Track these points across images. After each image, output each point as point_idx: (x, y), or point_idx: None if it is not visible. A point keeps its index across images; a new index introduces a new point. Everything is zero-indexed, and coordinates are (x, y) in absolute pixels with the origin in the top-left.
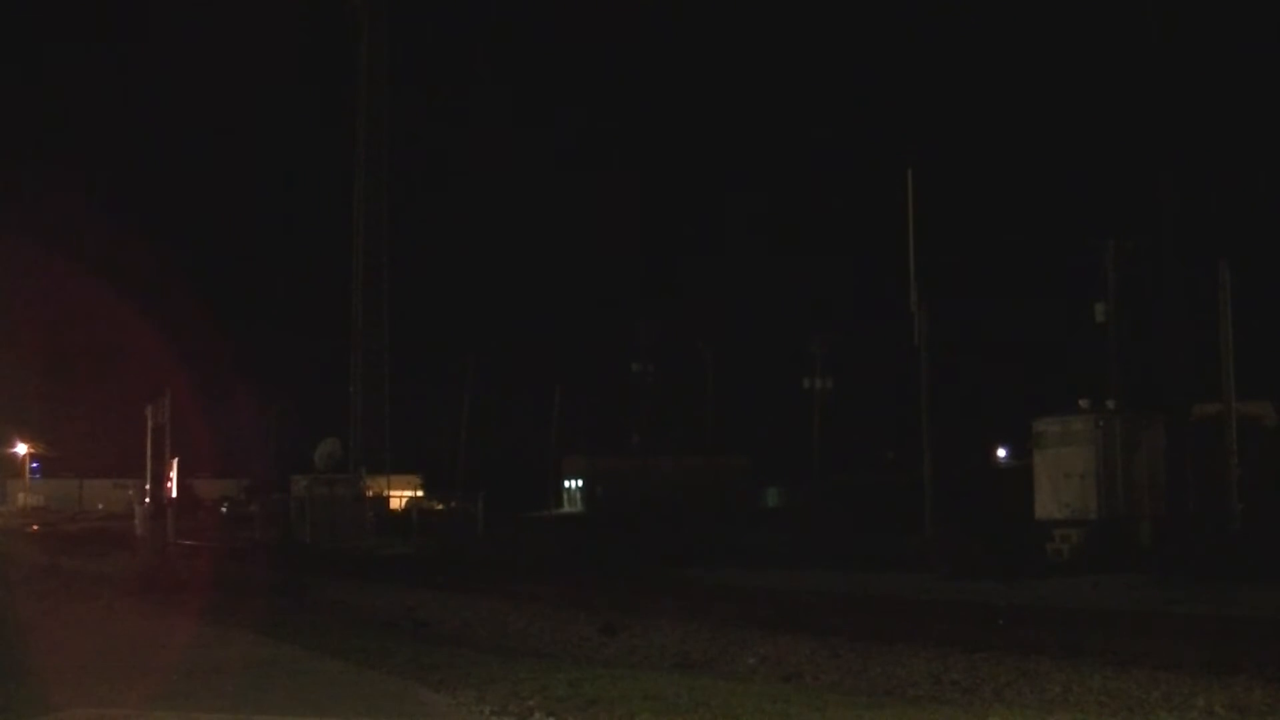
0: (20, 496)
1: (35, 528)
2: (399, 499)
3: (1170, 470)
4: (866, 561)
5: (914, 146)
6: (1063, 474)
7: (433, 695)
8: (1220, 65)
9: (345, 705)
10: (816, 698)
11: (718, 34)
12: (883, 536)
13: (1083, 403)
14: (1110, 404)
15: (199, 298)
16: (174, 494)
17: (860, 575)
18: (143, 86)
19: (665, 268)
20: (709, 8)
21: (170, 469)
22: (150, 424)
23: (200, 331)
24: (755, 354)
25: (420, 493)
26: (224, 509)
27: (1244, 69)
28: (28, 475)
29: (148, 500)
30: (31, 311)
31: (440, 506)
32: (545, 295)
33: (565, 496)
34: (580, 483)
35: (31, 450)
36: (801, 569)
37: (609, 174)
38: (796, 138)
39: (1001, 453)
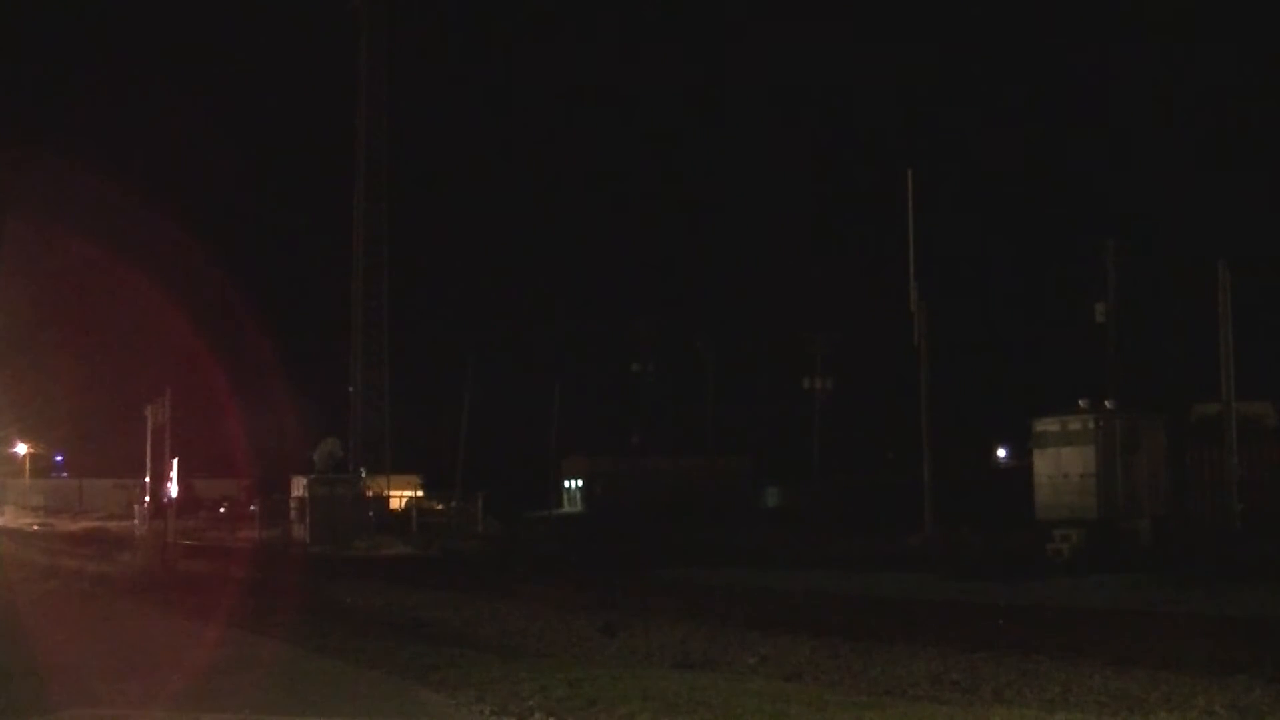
0: (20, 496)
1: (35, 527)
2: (399, 499)
3: (1170, 470)
4: (867, 561)
5: (914, 147)
6: (1063, 474)
7: (433, 695)
8: (1219, 65)
9: (345, 705)
10: (816, 697)
11: (717, 31)
12: (883, 536)
13: (1083, 403)
14: (1110, 404)
15: (199, 298)
16: (174, 494)
17: (860, 575)
18: (139, 85)
19: (665, 268)
20: (710, 7)
21: (170, 469)
22: (150, 424)
23: (199, 332)
24: (755, 354)
25: (420, 493)
26: (224, 509)
27: (1243, 69)
28: (28, 474)
29: (148, 500)
30: (30, 311)
31: (440, 506)
32: (545, 295)
33: (565, 496)
34: (580, 483)
35: (32, 450)
36: (801, 569)
37: (609, 172)
38: (796, 136)
39: (1001, 453)
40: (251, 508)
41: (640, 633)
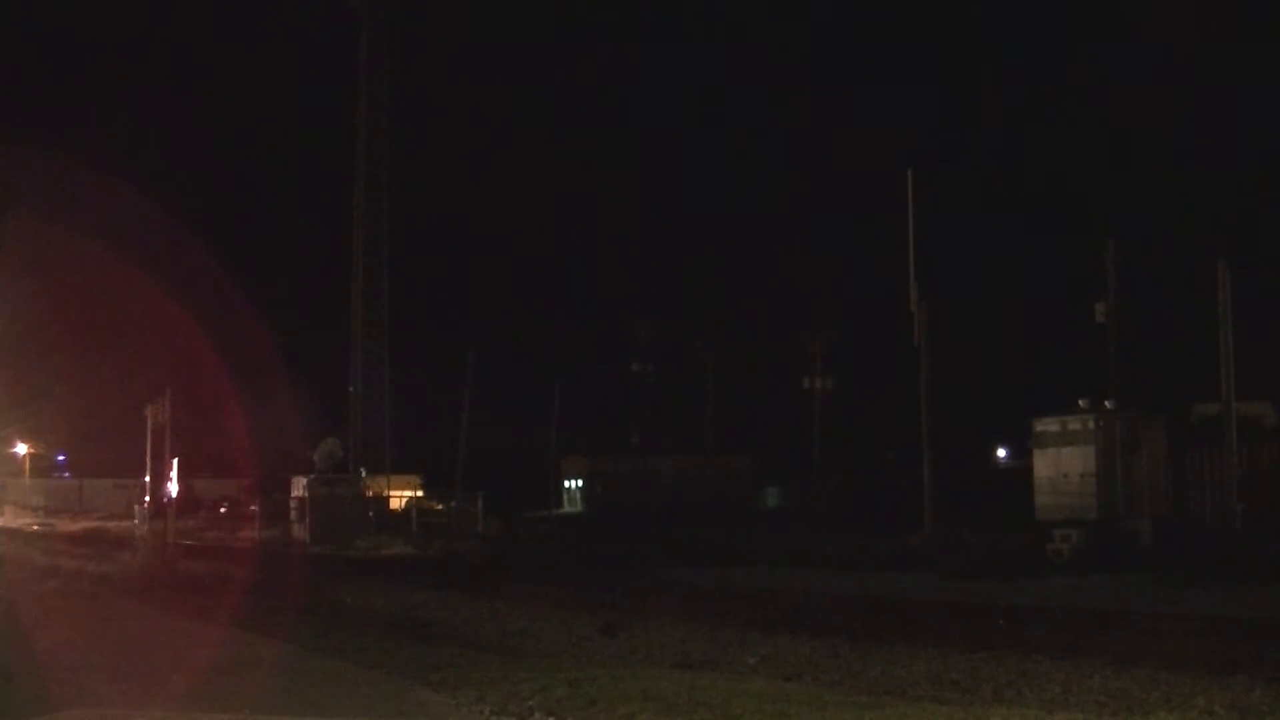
0: (21, 496)
1: (36, 527)
2: (399, 499)
3: (1170, 470)
4: (867, 561)
5: (914, 146)
6: (1063, 474)
7: (433, 695)
8: (1218, 65)
9: (345, 705)
10: (816, 698)
11: (717, 31)
12: (883, 536)
13: (1083, 403)
14: (1110, 404)
15: (199, 298)
16: (174, 494)
17: (860, 575)
18: (139, 85)
19: (665, 268)
20: (703, 9)
21: (170, 469)
22: (150, 424)
23: (200, 331)
24: (755, 354)
25: (420, 493)
26: (224, 509)
27: (1243, 69)
28: (28, 474)
29: (148, 500)
30: (31, 310)
31: (440, 506)
32: (545, 295)
33: (565, 496)
34: (580, 483)
35: (32, 450)
36: (801, 569)
37: (609, 172)
38: (796, 135)
39: (1001, 453)
40: (251, 508)
41: (640, 633)
